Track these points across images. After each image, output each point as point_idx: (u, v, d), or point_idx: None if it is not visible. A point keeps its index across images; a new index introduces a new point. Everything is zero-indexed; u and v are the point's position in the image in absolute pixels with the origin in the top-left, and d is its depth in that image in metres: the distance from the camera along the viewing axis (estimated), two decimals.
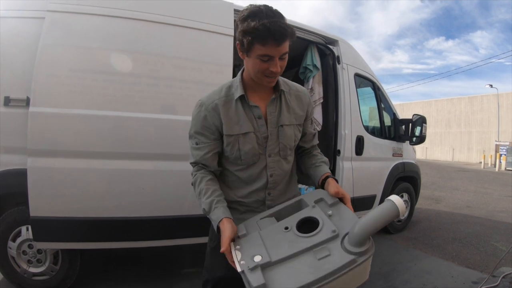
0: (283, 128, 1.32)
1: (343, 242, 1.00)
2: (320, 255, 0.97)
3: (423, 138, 4.16)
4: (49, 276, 2.40)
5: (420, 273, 3.11)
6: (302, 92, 1.42)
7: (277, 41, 1.09)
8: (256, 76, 1.21)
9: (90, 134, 2.18)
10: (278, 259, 0.99)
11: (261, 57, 1.13)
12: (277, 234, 1.09)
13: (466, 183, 10.08)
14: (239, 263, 1.00)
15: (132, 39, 2.28)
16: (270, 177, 1.34)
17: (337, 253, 0.97)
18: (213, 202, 1.20)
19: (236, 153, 1.29)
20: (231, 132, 1.28)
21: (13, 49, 2.19)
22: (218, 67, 2.46)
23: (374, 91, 4.04)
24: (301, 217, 1.13)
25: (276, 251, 1.01)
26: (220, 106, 1.27)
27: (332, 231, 1.02)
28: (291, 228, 1.09)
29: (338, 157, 3.41)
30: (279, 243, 1.05)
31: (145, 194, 2.29)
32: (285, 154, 1.36)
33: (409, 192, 4.41)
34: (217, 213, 1.17)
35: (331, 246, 1.00)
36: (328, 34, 3.42)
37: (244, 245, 1.08)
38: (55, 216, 2.15)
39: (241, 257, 1.03)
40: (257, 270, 0.96)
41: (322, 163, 1.43)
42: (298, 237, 1.05)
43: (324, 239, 1.01)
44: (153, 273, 2.93)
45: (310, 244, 1.01)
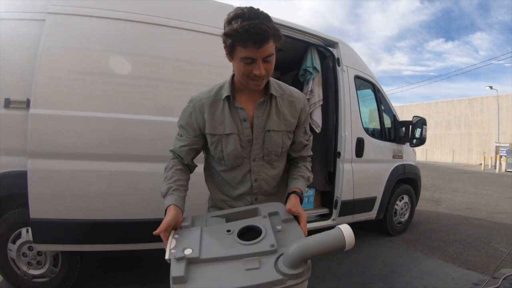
0: (270, 133, 1.29)
1: (278, 260, 0.95)
2: (248, 266, 0.93)
3: (423, 140, 4.17)
4: (49, 278, 2.40)
5: (420, 275, 3.10)
6: (296, 98, 1.36)
7: (256, 44, 1.07)
8: (242, 78, 1.19)
9: (90, 136, 2.18)
10: (207, 257, 0.96)
11: (244, 60, 1.12)
12: (218, 234, 1.07)
13: (466, 184, 10.08)
14: (170, 251, 0.99)
15: (131, 41, 2.29)
16: (255, 182, 1.32)
17: (267, 269, 0.92)
18: (170, 189, 1.22)
19: (219, 153, 1.30)
20: (214, 132, 1.28)
21: (13, 50, 2.20)
22: (218, 69, 2.46)
23: (374, 93, 4.04)
24: (247, 224, 1.10)
25: (209, 250, 0.99)
26: (206, 105, 1.28)
27: (271, 245, 0.98)
28: (233, 232, 1.06)
29: (338, 159, 3.41)
30: (215, 243, 1.02)
31: (144, 196, 2.29)
32: (270, 159, 1.33)
33: (409, 194, 4.40)
34: (169, 199, 1.19)
35: (264, 260, 0.95)
36: (328, 36, 3.43)
37: (182, 236, 1.07)
38: (55, 218, 2.15)
39: (174, 246, 1.01)
40: (182, 262, 0.93)
41: (300, 176, 1.37)
42: (235, 242, 1.02)
43: (259, 251, 0.97)
44: (153, 275, 2.92)
45: (244, 252, 0.97)
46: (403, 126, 4.23)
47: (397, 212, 4.26)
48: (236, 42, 1.09)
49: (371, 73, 3.99)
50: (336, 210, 3.44)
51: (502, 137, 21.16)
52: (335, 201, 3.45)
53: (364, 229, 4.38)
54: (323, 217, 3.50)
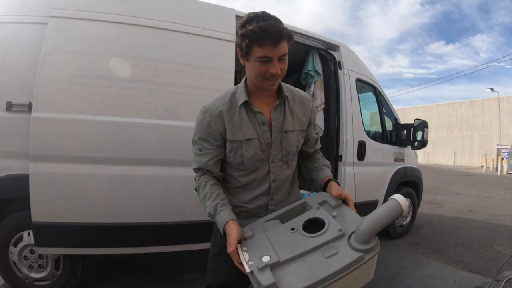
0: (287, 134, 1.33)
1: (349, 240, 1.01)
2: (328, 254, 0.99)
3: (425, 142, 4.16)
4: (50, 282, 2.39)
5: (423, 278, 3.09)
6: (305, 99, 1.43)
7: (273, 42, 1.12)
8: (257, 80, 1.21)
9: (92, 139, 2.18)
10: (287, 258, 1.00)
11: (260, 59, 1.15)
12: (284, 235, 1.10)
13: (468, 187, 10.05)
14: (247, 264, 1.01)
15: (133, 45, 2.29)
16: (273, 182, 1.34)
17: (345, 251, 0.99)
18: (218, 205, 1.21)
19: (239, 159, 1.30)
20: (235, 138, 1.28)
21: (15, 54, 2.21)
22: (220, 72, 2.47)
23: (375, 96, 4.04)
24: (307, 218, 1.15)
25: (284, 251, 1.02)
26: (224, 112, 1.28)
27: (339, 230, 1.04)
28: (297, 229, 1.10)
29: (340, 162, 3.40)
30: (287, 244, 1.06)
31: (146, 199, 2.29)
32: (287, 159, 1.37)
33: (411, 197, 4.39)
34: (222, 216, 1.18)
35: (338, 244, 1.01)
36: (329, 39, 3.43)
37: (251, 246, 1.08)
38: (57, 221, 2.15)
39: (249, 258, 1.03)
40: (266, 269, 0.97)
41: (324, 166, 1.45)
42: (305, 237, 1.06)
43: (331, 238, 1.03)
44: (155, 279, 2.92)
45: (318, 243, 1.02)
46: (404, 129, 4.22)
47: None
48: (253, 42, 1.13)
49: (372, 76, 3.99)
50: None
51: (503, 139, 21.13)
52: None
53: None
54: None
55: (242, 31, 1.15)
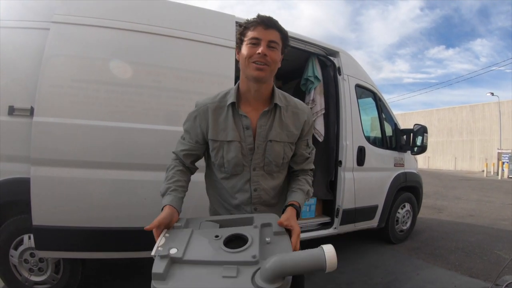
0: (271, 143, 1.31)
1: (256, 272, 0.93)
2: (226, 273, 0.93)
3: (425, 147, 4.17)
4: (50, 285, 2.40)
5: (423, 283, 3.09)
6: (300, 110, 1.38)
7: (265, 25, 1.21)
8: (245, 64, 1.24)
9: (92, 144, 2.20)
10: (189, 259, 0.98)
11: (250, 41, 1.22)
12: (206, 238, 1.08)
13: (468, 192, 10.03)
14: (157, 248, 1.03)
15: (135, 51, 2.32)
16: (254, 191, 1.33)
17: (243, 279, 0.92)
18: (169, 189, 1.26)
19: (220, 160, 1.31)
20: (216, 137, 1.30)
21: (17, 58, 2.23)
22: (220, 78, 2.48)
23: (375, 101, 4.06)
24: (236, 232, 1.10)
25: (193, 252, 1.01)
26: (210, 110, 1.31)
27: (252, 256, 0.97)
28: (220, 237, 1.07)
29: (339, 167, 3.42)
30: (201, 247, 1.04)
31: (146, 204, 2.29)
32: (271, 170, 1.34)
33: (411, 202, 4.39)
34: (166, 199, 1.23)
35: (243, 270, 0.94)
36: (328, 45, 3.45)
37: (173, 235, 1.10)
38: (58, 225, 2.16)
39: (162, 244, 1.05)
40: (165, 260, 0.97)
41: (299, 189, 1.36)
42: (219, 249, 1.02)
43: (239, 260, 0.97)
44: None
45: (225, 259, 0.98)
46: (404, 134, 4.23)
47: (399, 220, 4.25)
48: (246, 28, 1.24)
49: (372, 81, 4.01)
50: (338, 219, 3.44)
51: (504, 143, 21.10)
52: (337, 209, 3.44)
53: (366, 238, 4.36)
54: (325, 225, 3.49)
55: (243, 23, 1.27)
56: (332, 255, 0.88)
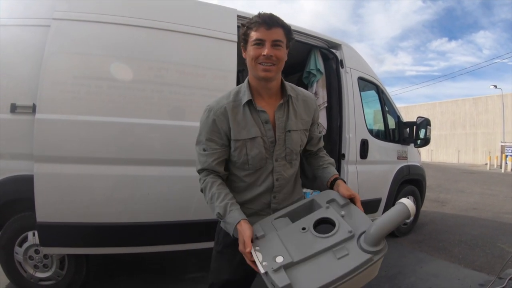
0: (290, 133, 1.34)
1: (359, 242, 1.05)
2: (339, 255, 1.02)
3: (428, 140, 4.15)
4: (55, 281, 2.41)
5: (426, 276, 3.09)
6: (309, 98, 1.44)
7: (267, 25, 1.20)
8: (252, 66, 1.25)
9: (95, 140, 2.20)
10: (300, 259, 1.02)
11: (254, 42, 1.22)
12: (295, 234, 1.12)
13: (472, 185, 10.00)
14: (262, 264, 1.02)
15: (136, 46, 2.31)
16: (276, 181, 1.35)
17: (355, 252, 1.02)
18: (227, 206, 1.22)
19: (244, 157, 1.31)
20: (239, 137, 1.29)
21: (18, 56, 2.23)
22: (222, 72, 2.48)
23: (378, 94, 4.03)
24: (317, 217, 1.16)
25: (297, 251, 1.04)
26: (229, 110, 1.29)
27: (349, 232, 1.07)
28: (308, 228, 1.12)
29: (342, 161, 3.41)
30: (299, 244, 1.07)
31: (150, 199, 2.30)
32: (291, 158, 1.37)
33: (414, 195, 4.38)
34: (233, 216, 1.19)
35: (348, 245, 1.04)
36: (330, 38, 3.43)
37: (263, 246, 1.10)
38: (62, 221, 2.17)
39: (263, 258, 1.04)
40: (280, 270, 0.99)
41: (329, 164, 1.47)
42: (316, 238, 1.08)
43: (341, 239, 1.06)
44: (159, 278, 2.94)
45: (329, 244, 1.05)
46: (407, 127, 4.21)
47: None
48: (249, 28, 1.24)
49: (374, 74, 3.98)
50: None
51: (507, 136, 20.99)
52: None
53: None
54: None
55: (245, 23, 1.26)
56: (411, 205, 1.03)
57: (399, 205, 1.05)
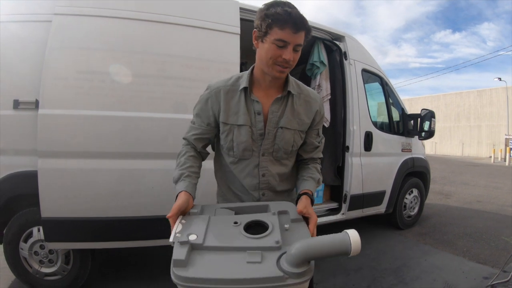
0: (282, 130, 1.30)
1: (281, 257, 0.93)
2: (250, 259, 0.92)
3: (432, 132, 4.12)
4: (61, 276, 2.43)
5: (430, 268, 3.09)
6: (313, 99, 1.37)
7: (295, 27, 1.12)
8: (267, 63, 1.19)
9: (99, 134, 2.20)
10: (210, 245, 0.96)
11: (276, 42, 1.14)
12: (224, 224, 1.06)
13: (476, 177, 9.96)
14: (175, 234, 1.01)
15: (139, 40, 2.29)
16: (262, 177, 1.32)
17: (268, 264, 0.91)
18: (182, 175, 1.23)
19: (230, 143, 1.30)
20: (227, 121, 1.29)
21: (20, 52, 2.22)
22: (225, 65, 2.46)
23: (381, 86, 4.01)
24: (255, 218, 1.09)
25: (213, 238, 0.99)
26: (223, 93, 1.29)
27: (276, 242, 0.96)
28: (240, 224, 1.05)
29: (347, 153, 3.41)
30: (221, 233, 1.02)
31: (154, 193, 2.30)
32: (279, 156, 1.33)
33: (418, 187, 4.38)
34: (180, 185, 1.20)
35: (267, 255, 0.93)
36: (334, 30, 3.40)
37: (190, 222, 1.08)
38: (66, 216, 2.18)
39: (180, 230, 1.02)
40: (185, 246, 0.94)
41: (310, 178, 1.36)
42: (240, 234, 1.01)
43: (263, 246, 0.96)
44: (165, 272, 2.93)
45: (248, 244, 0.97)
46: (411, 119, 4.18)
47: (406, 205, 4.24)
48: (275, 23, 1.12)
49: (378, 66, 3.95)
50: (346, 205, 3.44)
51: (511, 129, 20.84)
52: (344, 195, 3.45)
53: (373, 223, 4.37)
54: (333, 211, 3.50)
55: (267, 11, 1.14)
56: (356, 239, 0.90)
57: (342, 234, 0.91)
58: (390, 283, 2.80)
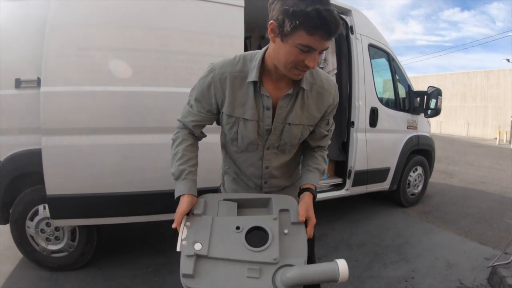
0: (290, 126, 1.21)
1: (276, 272, 1.01)
2: (250, 274, 1.00)
3: (439, 110, 4.06)
4: (67, 253, 2.46)
5: (432, 247, 3.12)
6: (326, 90, 1.22)
7: (327, 35, 0.94)
8: (285, 66, 1.03)
9: (102, 110, 2.19)
10: (215, 257, 1.02)
11: (301, 47, 0.96)
12: (227, 229, 1.09)
13: (480, 158, 9.88)
14: (181, 243, 1.03)
15: (140, 14, 2.24)
16: (266, 169, 1.28)
17: (264, 281, 1.00)
18: (184, 172, 1.16)
19: (234, 135, 1.22)
20: (233, 113, 1.18)
21: (20, 31, 2.19)
22: (229, 39, 2.42)
23: (388, 62, 3.93)
24: (257, 223, 1.11)
25: (217, 247, 1.04)
26: (229, 81, 1.14)
27: (273, 259, 1.03)
28: (242, 230, 1.09)
29: (352, 128, 3.38)
30: (224, 241, 1.06)
31: (158, 167, 2.30)
32: (284, 149, 1.27)
33: (423, 165, 4.36)
34: (183, 185, 1.14)
35: (265, 270, 1.01)
36: (340, 3, 3.32)
37: (194, 225, 1.09)
38: (71, 193, 2.19)
39: (185, 237, 1.05)
40: (192, 258, 0.99)
41: (315, 169, 1.30)
42: (242, 246, 1.06)
43: (262, 261, 1.02)
44: (169, 246, 2.97)
45: (248, 258, 1.03)
46: (418, 96, 4.13)
47: (410, 183, 4.24)
48: (303, 26, 0.92)
49: (385, 41, 3.87)
50: (350, 180, 3.45)
51: None
52: (349, 171, 3.45)
53: (377, 200, 4.39)
54: (337, 187, 3.50)
55: (291, 5, 0.92)
56: (345, 269, 0.96)
57: (332, 264, 0.98)
58: (392, 260, 2.83)
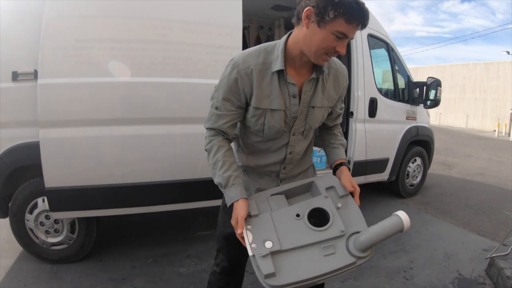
0: (313, 109, 1.24)
1: (348, 243, 1.07)
2: (326, 252, 1.04)
3: (438, 101, 4.06)
4: (67, 245, 2.47)
5: (431, 237, 3.13)
6: (341, 73, 1.29)
7: (360, 24, 1.05)
8: (317, 51, 1.09)
9: (100, 101, 2.18)
10: (288, 248, 1.04)
11: (337, 33, 1.04)
12: (288, 220, 1.11)
13: (479, 150, 9.88)
14: (251, 246, 1.04)
15: (138, 5, 2.22)
16: (289, 154, 1.29)
17: (341, 253, 1.05)
18: (230, 178, 1.15)
19: (260, 126, 1.21)
20: (260, 105, 1.18)
21: (16, 24, 2.18)
22: (227, 29, 2.40)
23: (388, 52, 3.91)
24: (313, 206, 1.15)
25: (286, 239, 1.06)
26: (255, 73, 1.15)
27: (341, 231, 1.08)
28: (302, 216, 1.12)
29: (350, 119, 3.37)
30: (290, 231, 1.08)
31: (157, 158, 2.31)
32: (308, 134, 1.31)
33: (422, 156, 4.36)
34: (234, 191, 1.14)
35: (337, 244, 1.06)
36: None
37: (255, 226, 1.09)
38: (70, 185, 2.19)
39: (252, 240, 1.05)
40: (267, 257, 1.00)
41: (340, 145, 1.39)
42: (308, 229, 1.09)
43: (332, 237, 1.07)
44: (168, 237, 3.00)
45: (319, 239, 1.07)
46: (417, 87, 4.12)
47: (409, 174, 4.25)
48: (344, 15, 1.01)
49: (385, 31, 3.84)
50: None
51: None
52: (348, 161, 3.44)
53: (376, 190, 4.40)
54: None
55: None
56: (407, 219, 1.03)
57: (394, 217, 1.05)
58: (391, 250, 2.85)
